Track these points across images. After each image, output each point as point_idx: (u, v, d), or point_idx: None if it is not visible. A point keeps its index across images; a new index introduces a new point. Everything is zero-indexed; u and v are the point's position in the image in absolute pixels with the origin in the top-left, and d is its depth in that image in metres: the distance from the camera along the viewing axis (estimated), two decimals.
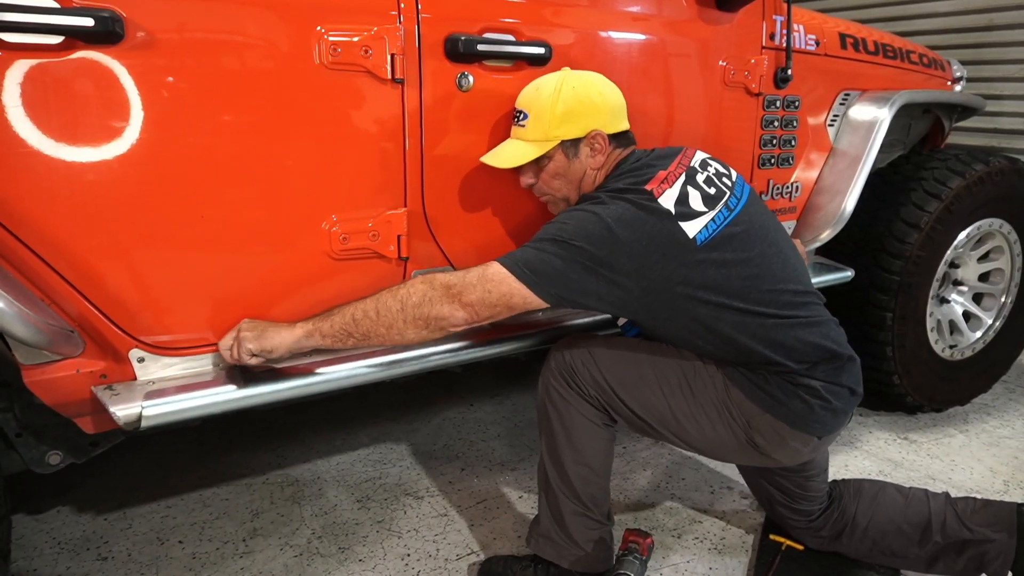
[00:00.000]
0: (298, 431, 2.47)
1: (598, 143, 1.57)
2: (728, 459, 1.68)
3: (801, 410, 1.47)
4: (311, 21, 1.47)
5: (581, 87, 1.56)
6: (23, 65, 1.23)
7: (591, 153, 1.58)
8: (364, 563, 1.82)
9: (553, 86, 1.55)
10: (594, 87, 1.58)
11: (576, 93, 1.55)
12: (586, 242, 1.41)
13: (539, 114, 1.55)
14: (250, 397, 1.48)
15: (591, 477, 1.61)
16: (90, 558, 1.82)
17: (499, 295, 1.43)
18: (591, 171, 1.59)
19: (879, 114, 2.42)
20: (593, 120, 1.56)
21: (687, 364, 1.55)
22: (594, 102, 1.56)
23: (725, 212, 1.50)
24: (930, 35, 3.90)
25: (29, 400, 1.43)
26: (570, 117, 1.54)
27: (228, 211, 1.47)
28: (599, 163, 1.58)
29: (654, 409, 1.55)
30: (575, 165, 1.58)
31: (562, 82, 1.56)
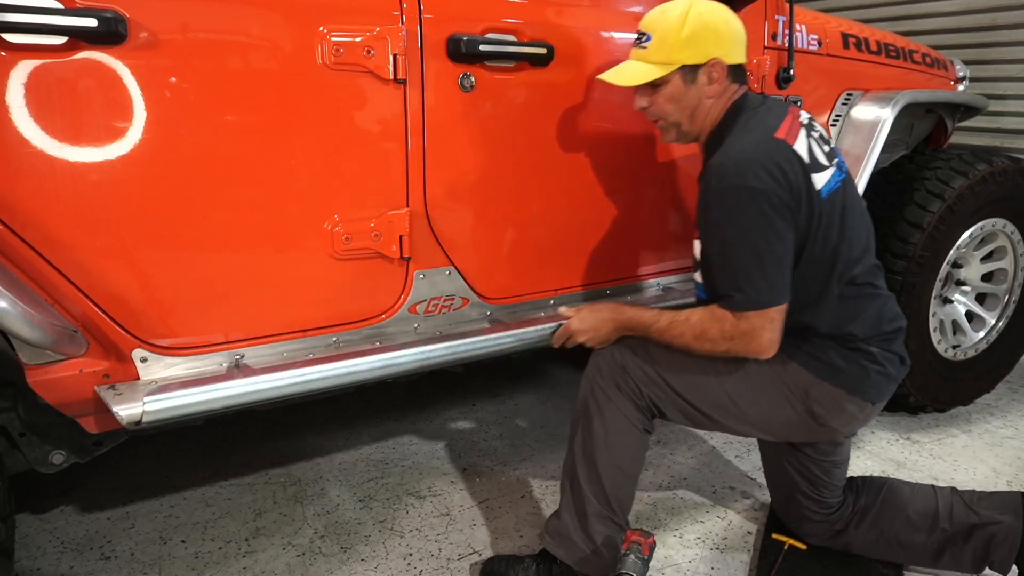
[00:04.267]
0: (300, 431, 2.48)
1: (716, 72, 1.55)
2: (785, 436, 1.67)
3: (858, 375, 1.52)
4: (314, 21, 1.47)
5: (708, 13, 1.53)
6: (27, 66, 1.24)
7: (708, 81, 1.55)
8: (366, 563, 1.82)
9: (681, 10, 1.53)
10: (721, 15, 1.55)
11: (703, 19, 1.52)
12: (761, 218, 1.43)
13: (663, 36, 1.53)
14: (252, 396, 1.48)
15: (622, 481, 1.61)
16: (93, 557, 1.83)
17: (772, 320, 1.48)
18: (707, 100, 1.58)
19: (882, 114, 2.42)
20: (715, 48, 1.53)
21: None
22: (719, 29, 1.54)
23: (838, 173, 1.55)
24: (933, 35, 3.90)
25: (33, 400, 1.43)
26: (693, 41, 1.52)
27: (231, 211, 1.48)
28: (715, 92, 1.57)
29: (710, 396, 1.57)
30: (691, 92, 1.56)
31: (690, 6, 1.53)
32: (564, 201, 1.93)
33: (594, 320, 1.68)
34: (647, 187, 2.09)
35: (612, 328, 1.67)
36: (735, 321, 1.49)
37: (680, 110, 1.59)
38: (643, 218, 2.11)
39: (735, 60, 1.58)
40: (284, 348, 1.61)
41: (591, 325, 1.68)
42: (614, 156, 1.99)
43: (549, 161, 1.87)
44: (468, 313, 1.85)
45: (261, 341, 1.58)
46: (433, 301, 1.78)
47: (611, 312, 1.67)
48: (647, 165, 2.07)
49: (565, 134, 1.88)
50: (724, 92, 1.59)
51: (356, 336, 1.70)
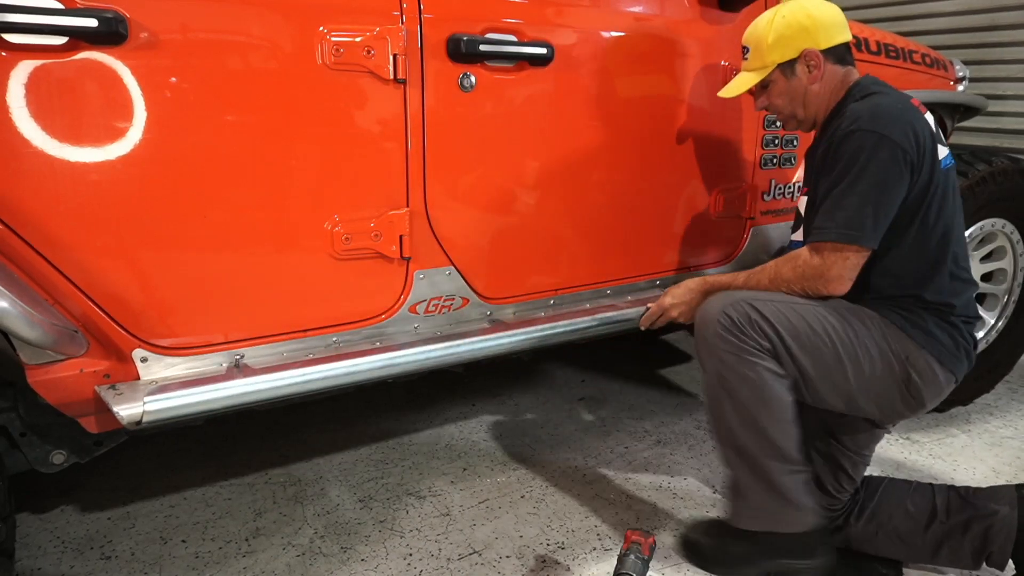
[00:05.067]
0: (300, 431, 2.48)
1: (812, 59, 1.69)
2: (872, 408, 1.65)
3: (951, 346, 1.60)
4: (314, 22, 1.47)
5: (790, 13, 1.68)
6: (27, 66, 1.24)
7: (807, 70, 1.70)
8: (366, 563, 1.82)
9: (767, 18, 1.72)
10: (802, 10, 1.68)
11: (785, 20, 1.68)
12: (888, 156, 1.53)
13: (756, 44, 1.73)
14: (252, 396, 1.49)
15: (789, 428, 1.58)
16: (94, 557, 1.83)
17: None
18: (812, 86, 1.71)
19: None
20: (802, 41, 1.68)
21: (845, 305, 1.62)
22: (802, 24, 1.67)
23: (950, 156, 1.67)
24: (932, 35, 3.90)
25: (33, 400, 1.43)
26: (781, 42, 1.69)
27: (231, 211, 1.48)
28: (817, 76, 1.70)
29: (820, 354, 1.57)
30: (794, 83, 1.72)
31: (775, 12, 1.71)
32: (564, 201, 1.94)
33: (684, 292, 1.81)
34: (647, 187, 2.09)
35: (700, 297, 1.77)
36: (808, 257, 1.61)
37: (791, 102, 1.75)
38: (643, 218, 2.11)
39: (829, 43, 1.69)
40: (284, 348, 1.61)
41: (682, 298, 1.80)
42: (614, 156, 1.99)
43: (549, 161, 1.87)
44: (468, 313, 1.85)
45: (261, 341, 1.58)
46: (433, 301, 1.79)
47: (698, 284, 1.80)
48: (647, 165, 2.07)
49: (565, 134, 1.88)
50: (830, 74, 1.71)
51: (356, 336, 1.70)
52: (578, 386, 2.88)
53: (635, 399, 2.76)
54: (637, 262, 2.15)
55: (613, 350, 3.21)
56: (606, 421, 2.58)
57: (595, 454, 2.34)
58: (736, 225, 2.33)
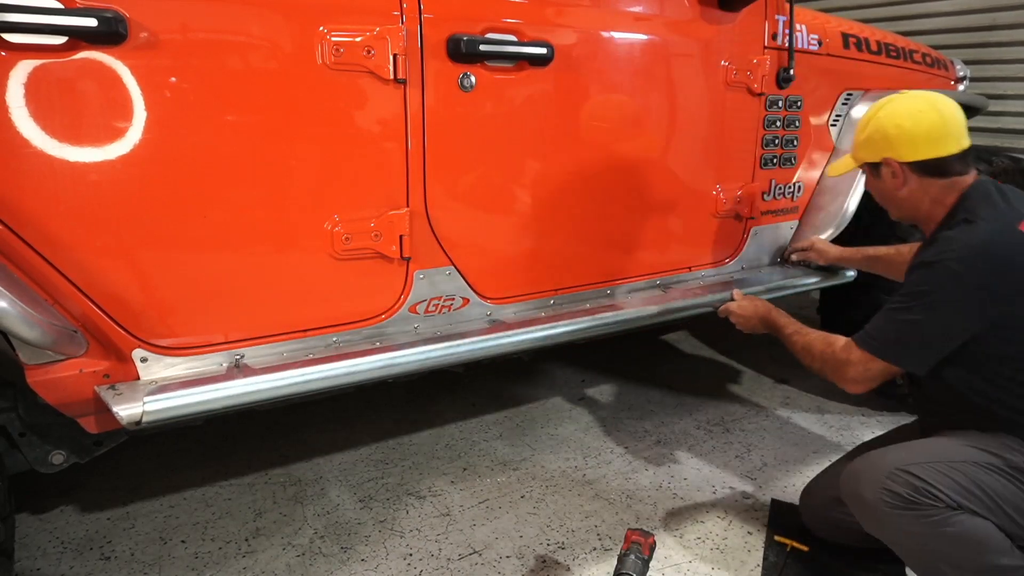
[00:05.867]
0: (300, 431, 2.48)
1: (892, 169, 1.61)
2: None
3: None
4: (314, 22, 1.47)
5: (886, 116, 1.60)
6: (27, 66, 1.24)
7: (891, 176, 1.63)
8: (366, 563, 1.82)
9: (871, 112, 1.65)
10: (894, 118, 1.59)
11: (879, 122, 1.61)
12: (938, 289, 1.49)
13: (856, 134, 1.70)
14: (252, 396, 1.48)
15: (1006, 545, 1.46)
16: (93, 557, 1.83)
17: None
18: (898, 194, 1.64)
19: None
20: (884, 150, 1.61)
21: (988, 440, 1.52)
22: (888, 133, 1.59)
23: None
24: (933, 35, 3.90)
25: (33, 400, 1.43)
26: (867, 143, 1.65)
27: (231, 211, 1.48)
28: (897, 185, 1.63)
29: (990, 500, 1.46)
30: (880, 185, 1.67)
31: (878, 108, 1.64)
32: (564, 201, 1.93)
33: (750, 309, 1.95)
34: (647, 187, 2.09)
35: (759, 322, 1.92)
36: (841, 349, 1.64)
37: (881, 198, 1.71)
38: (643, 218, 2.11)
39: (915, 157, 1.58)
40: (284, 348, 1.61)
41: (748, 313, 1.95)
42: (614, 156, 1.99)
43: (549, 161, 1.87)
44: (468, 313, 1.85)
45: (261, 341, 1.58)
46: (433, 301, 1.78)
47: (764, 309, 1.92)
48: (647, 165, 2.07)
49: (565, 134, 1.88)
50: (921, 185, 1.60)
51: (356, 336, 1.70)
52: (578, 386, 2.88)
53: (635, 399, 2.76)
54: (637, 262, 2.15)
55: (613, 350, 3.20)
56: (606, 421, 2.58)
57: (595, 454, 2.34)
58: (736, 225, 2.33)
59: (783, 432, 2.50)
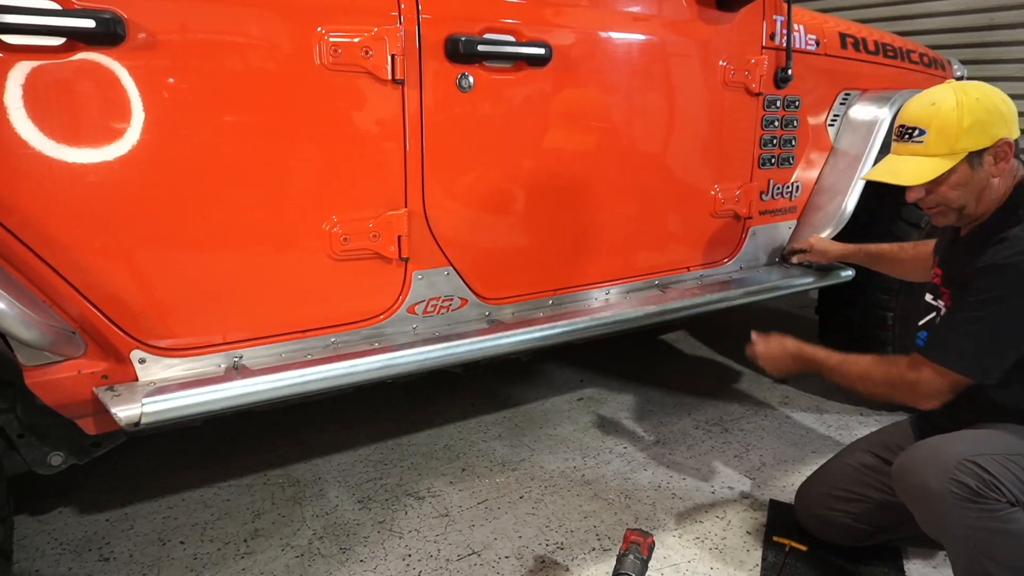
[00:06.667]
0: (299, 431, 2.48)
1: (1003, 151, 1.52)
2: None
3: None
4: (312, 22, 1.47)
5: (984, 96, 1.51)
6: (25, 67, 1.23)
7: (995, 161, 1.53)
8: (365, 563, 1.82)
9: (953, 98, 1.51)
10: (996, 94, 1.53)
11: (981, 103, 1.50)
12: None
13: (943, 128, 1.51)
14: (250, 397, 1.48)
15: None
16: (92, 559, 1.82)
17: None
18: (994, 180, 1.55)
19: (879, 114, 2.42)
20: (1000, 128, 1.51)
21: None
22: (1000, 110, 1.51)
23: None
24: (931, 35, 3.90)
25: (31, 401, 1.43)
26: (977, 127, 1.50)
27: (229, 212, 1.48)
28: (1003, 170, 1.54)
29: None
30: (979, 175, 1.54)
31: (962, 93, 1.52)
32: (562, 201, 1.94)
33: (778, 349, 1.79)
34: (645, 187, 2.09)
35: (791, 360, 1.77)
36: (906, 370, 1.56)
37: (966, 194, 1.56)
38: (641, 218, 2.11)
39: (1017, 135, 1.54)
40: (282, 349, 1.61)
41: (776, 354, 1.79)
42: (612, 156, 1.99)
43: (548, 162, 1.87)
44: (466, 313, 1.85)
45: (259, 342, 1.58)
46: (432, 301, 1.78)
47: (794, 346, 1.77)
48: (645, 165, 2.07)
49: (563, 134, 1.88)
50: (1012, 168, 1.55)
51: (355, 337, 1.70)
52: (577, 386, 2.88)
53: (634, 399, 2.76)
54: (635, 262, 2.15)
55: (612, 350, 3.21)
56: (605, 421, 2.58)
57: (594, 454, 2.34)
58: (734, 225, 2.34)
59: (782, 432, 2.50)
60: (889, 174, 1.60)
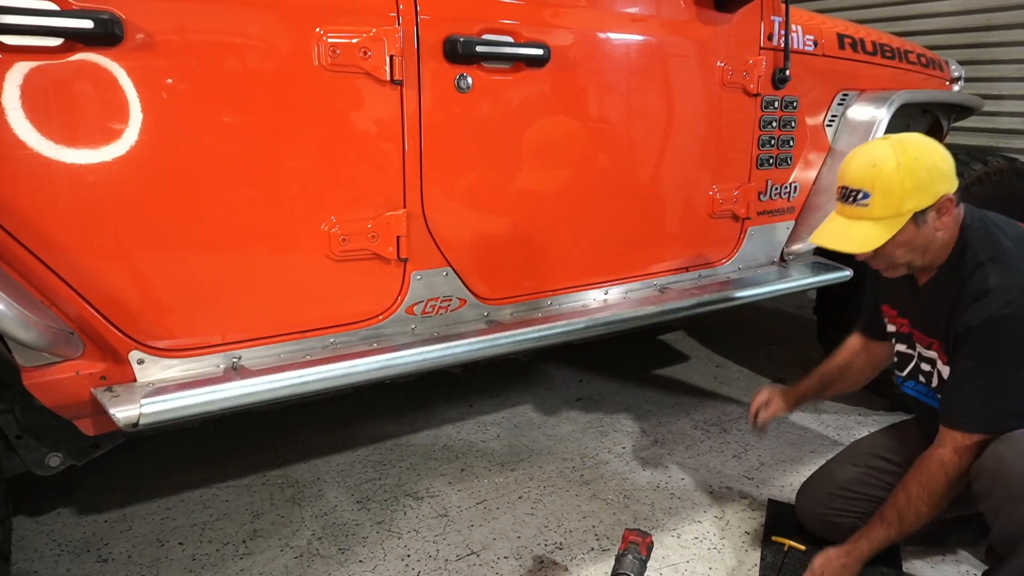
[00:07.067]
0: (298, 432, 2.48)
1: (945, 206, 1.50)
2: None
3: None
4: (310, 23, 1.47)
5: (922, 155, 1.48)
6: (23, 67, 1.23)
7: (937, 216, 1.51)
8: (364, 564, 1.82)
9: (894, 159, 1.47)
10: (934, 151, 1.50)
11: (921, 163, 1.47)
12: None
13: (886, 191, 1.47)
14: (249, 397, 1.48)
15: None
16: (90, 560, 1.82)
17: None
18: (939, 234, 1.53)
19: (877, 114, 2.43)
20: (941, 185, 1.48)
21: None
22: (940, 167, 1.49)
23: None
24: (928, 35, 3.90)
25: (29, 402, 1.43)
26: (919, 188, 1.47)
27: (227, 213, 1.48)
28: (947, 223, 1.52)
29: None
30: (924, 232, 1.52)
31: (902, 152, 1.48)
32: (561, 202, 1.94)
33: (841, 567, 1.62)
34: (643, 187, 2.09)
35: (858, 566, 1.62)
36: (948, 461, 1.51)
37: (912, 251, 1.55)
38: (639, 218, 2.11)
39: (956, 186, 1.52)
40: (281, 349, 1.61)
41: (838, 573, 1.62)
42: (611, 156, 2.00)
43: (546, 162, 1.87)
44: (465, 314, 1.85)
45: (258, 342, 1.58)
46: (430, 302, 1.78)
47: (848, 556, 1.62)
48: (643, 165, 2.07)
49: (562, 135, 1.88)
50: (955, 217, 1.55)
51: (353, 337, 1.70)
52: (576, 386, 2.88)
53: (633, 399, 2.76)
54: (634, 262, 2.15)
55: (610, 351, 3.21)
56: (604, 421, 2.58)
57: (593, 454, 2.34)
58: (733, 225, 2.34)
59: (780, 432, 2.50)
60: (839, 242, 1.55)
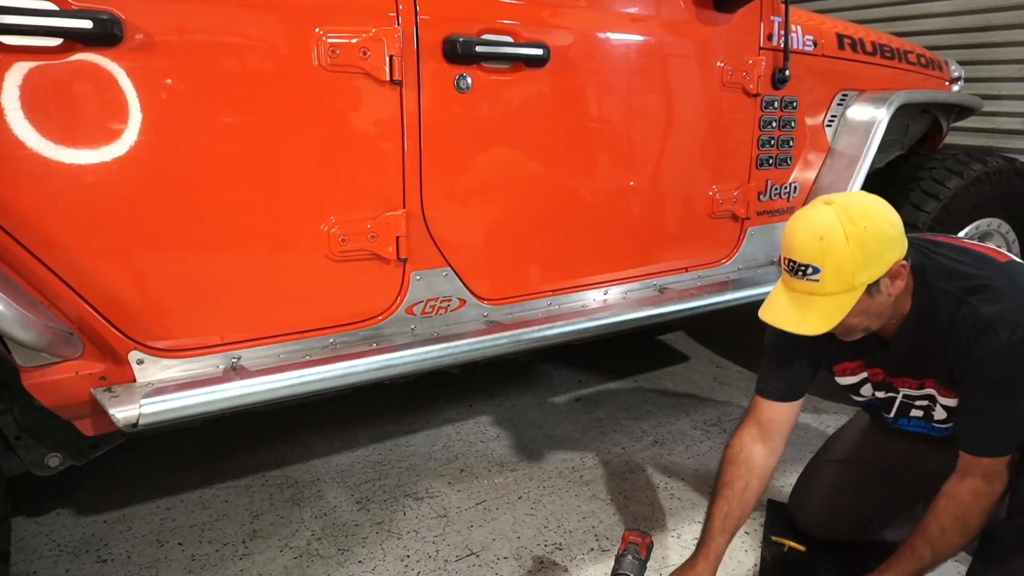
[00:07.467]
0: (297, 432, 2.47)
1: (898, 271, 1.42)
2: None
3: None
4: (310, 23, 1.47)
5: (871, 223, 1.37)
6: (22, 67, 1.23)
7: (891, 282, 1.43)
8: (364, 564, 1.82)
9: (841, 231, 1.36)
10: (882, 216, 1.40)
11: (870, 231, 1.36)
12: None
13: (837, 266, 1.37)
14: (249, 398, 1.48)
15: None
16: (90, 560, 1.82)
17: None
18: (891, 297, 1.46)
19: (877, 114, 2.43)
20: (892, 253, 1.40)
21: None
22: (889, 234, 1.39)
23: None
24: (928, 35, 3.90)
25: (29, 402, 1.43)
26: (871, 260, 1.37)
27: (227, 213, 1.48)
28: (900, 287, 1.45)
29: None
30: (878, 300, 1.43)
31: (849, 223, 1.36)
32: (561, 202, 1.94)
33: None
34: (643, 188, 2.09)
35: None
36: (982, 491, 1.47)
37: (870, 317, 1.47)
38: (639, 219, 2.11)
39: (907, 248, 1.44)
40: (281, 350, 1.61)
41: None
42: (611, 157, 2.00)
43: (546, 162, 1.87)
44: (465, 314, 1.85)
45: (258, 343, 1.58)
46: (430, 302, 1.78)
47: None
48: (643, 166, 2.07)
49: (562, 135, 1.88)
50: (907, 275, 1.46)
51: (353, 337, 1.70)
52: (575, 387, 2.88)
53: (632, 399, 2.76)
54: (633, 263, 2.15)
55: (610, 351, 3.21)
56: (603, 422, 2.58)
57: (592, 455, 2.34)
58: (732, 225, 2.34)
59: None
60: (794, 324, 1.45)
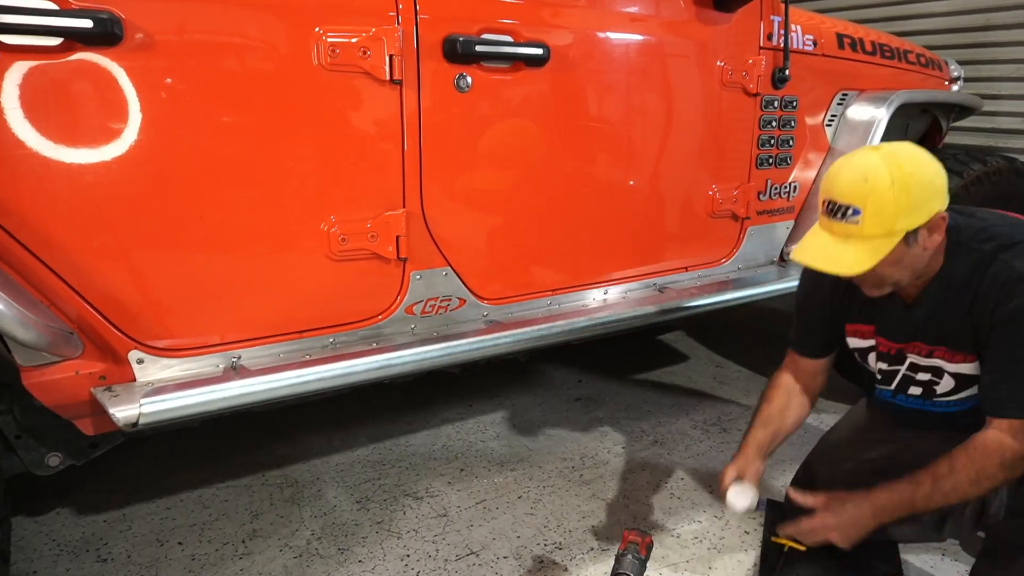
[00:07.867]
0: (297, 432, 2.47)
1: (937, 224, 1.39)
2: None
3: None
4: (310, 22, 1.47)
5: (917, 170, 1.35)
6: (22, 67, 1.23)
7: (929, 235, 1.40)
8: (363, 564, 1.82)
9: (887, 174, 1.34)
10: (929, 165, 1.38)
11: (916, 178, 1.34)
12: None
13: (879, 208, 1.34)
14: (249, 397, 1.48)
15: None
16: (90, 560, 1.82)
17: None
18: (928, 251, 1.43)
19: (877, 114, 2.43)
20: (935, 202, 1.37)
21: None
22: (935, 183, 1.37)
23: None
24: (928, 35, 3.91)
25: (29, 402, 1.43)
26: (914, 206, 1.35)
27: (227, 212, 1.48)
28: (936, 241, 1.42)
29: None
30: (914, 250, 1.40)
31: (896, 167, 1.34)
32: (561, 201, 1.94)
33: (853, 513, 1.53)
34: (643, 187, 2.09)
35: (871, 519, 1.51)
36: (1009, 446, 1.40)
37: (902, 269, 1.44)
38: (639, 218, 2.11)
39: (948, 202, 1.40)
40: (281, 349, 1.61)
41: (850, 519, 1.53)
42: (610, 156, 2.00)
43: (546, 162, 1.87)
44: (465, 314, 1.85)
45: (258, 342, 1.58)
46: (430, 302, 1.78)
47: (867, 515, 1.51)
48: (643, 165, 2.07)
49: (561, 135, 1.88)
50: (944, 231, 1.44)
51: (353, 337, 1.70)
52: (575, 386, 2.88)
53: (632, 399, 2.76)
54: (633, 262, 2.15)
55: (610, 351, 3.21)
56: (603, 421, 2.58)
57: (592, 454, 2.34)
58: (732, 225, 2.34)
59: None
60: (827, 262, 1.43)
